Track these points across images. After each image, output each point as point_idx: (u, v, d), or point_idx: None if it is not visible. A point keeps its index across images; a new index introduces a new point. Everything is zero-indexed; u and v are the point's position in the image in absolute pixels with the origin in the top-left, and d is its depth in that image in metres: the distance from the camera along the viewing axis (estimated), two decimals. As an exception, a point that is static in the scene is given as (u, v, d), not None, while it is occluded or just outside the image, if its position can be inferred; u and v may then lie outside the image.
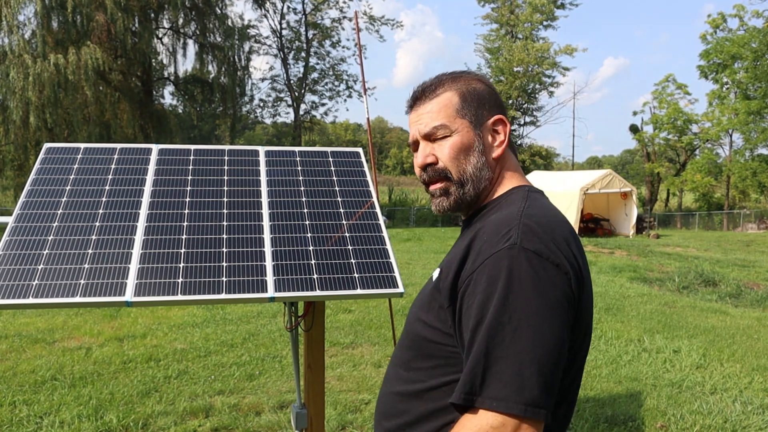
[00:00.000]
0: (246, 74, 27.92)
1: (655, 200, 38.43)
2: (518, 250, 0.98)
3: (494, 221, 1.08)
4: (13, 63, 19.10)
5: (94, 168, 2.64)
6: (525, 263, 0.97)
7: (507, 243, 0.99)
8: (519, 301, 0.95)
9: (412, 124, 1.24)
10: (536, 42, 35.26)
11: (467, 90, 1.22)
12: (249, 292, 2.17)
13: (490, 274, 0.99)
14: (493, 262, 0.99)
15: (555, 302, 0.97)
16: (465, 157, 1.18)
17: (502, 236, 1.02)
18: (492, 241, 1.02)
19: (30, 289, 2.07)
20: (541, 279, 0.97)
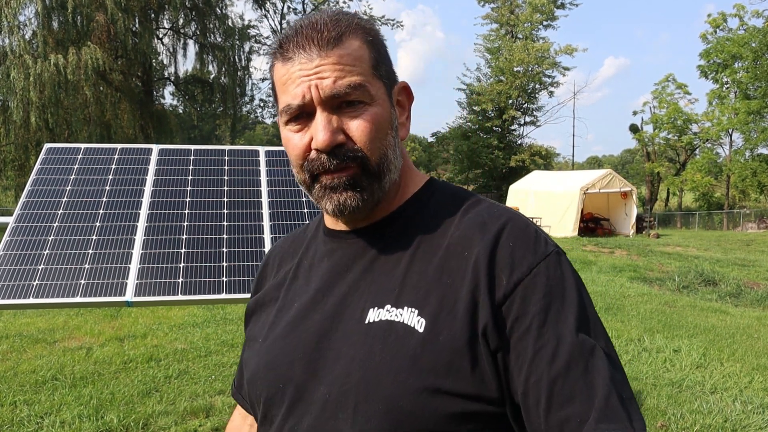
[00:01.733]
0: (246, 74, 27.93)
1: (655, 200, 38.43)
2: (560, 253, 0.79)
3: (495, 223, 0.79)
4: (13, 63, 19.11)
5: (95, 168, 2.64)
6: (573, 269, 0.79)
7: (549, 245, 0.78)
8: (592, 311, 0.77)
9: (299, 80, 0.78)
10: (536, 42, 35.26)
11: (377, 40, 0.84)
12: (249, 292, 2.18)
13: (547, 284, 0.73)
14: (546, 269, 0.74)
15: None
16: (384, 136, 0.82)
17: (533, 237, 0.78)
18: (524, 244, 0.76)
19: (31, 289, 2.08)
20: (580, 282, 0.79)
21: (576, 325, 0.72)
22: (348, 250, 0.87)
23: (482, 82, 37.45)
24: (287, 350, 0.83)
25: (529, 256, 0.75)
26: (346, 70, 0.78)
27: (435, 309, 0.74)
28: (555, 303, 0.73)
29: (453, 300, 0.74)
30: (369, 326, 0.77)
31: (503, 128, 36.50)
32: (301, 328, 0.83)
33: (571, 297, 0.74)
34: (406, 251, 0.81)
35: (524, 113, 37.36)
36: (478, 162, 35.49)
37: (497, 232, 0.78)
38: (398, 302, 0.77)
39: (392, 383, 0.72)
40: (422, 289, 0.76)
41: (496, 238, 0.77)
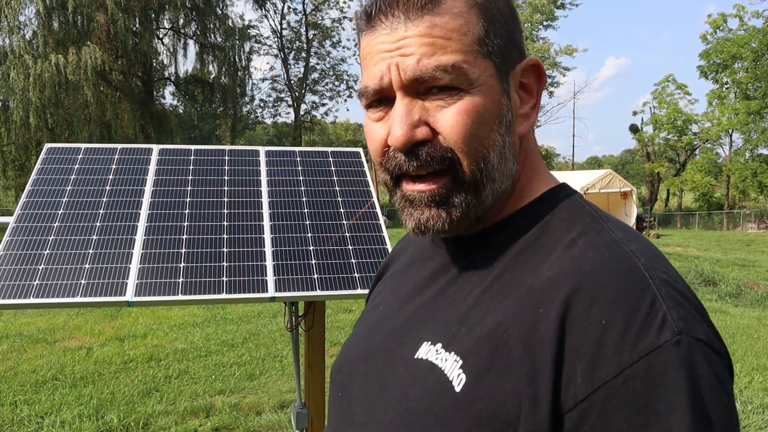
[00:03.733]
0: (246, 74, 27.96)
1: (655, 200, 38.44)
2: (689, 343, 0.51)
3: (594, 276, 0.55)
4: (13, 63, 19.13)
5: (95, 168, 2.65)
6: (706, 368, 0.51)
7: (665, 332, 0.51)
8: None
9: (379, 55, 0.62)
10: (536, 42, 35.28)
11: (494, 5, 0.64)
12: (249, 292, 2.18)
13: (644, 398, 0.50)
14: (646, 371, 0.50)
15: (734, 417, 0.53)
16: (488, 134, 0.62)
17: (642, 314, 0.52)
18: (623, 324, 0.52)
19: (31, 289, 2.08)
20: (728, 392, 0.53)
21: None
22: (435, 262, 0.72)
23: (482, 82, 37.48)
24: (354, 358, 0.75)
25: (626, 348, 0.50)
26: (438, 45, 0.60)
27: (481, 367, 0.57)
28: (652, 427, 0.49)
29: (505, 366, 0.55)
30: (416, 362, 0.63)
31: (503, 128, 36.53)
32: (373, 339, 0.74)
33: (682, 424, 0.49)
34: (487, 278, 0.63)
35: (524, 113, 37.38)
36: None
37: (592, 294, 0.53)
38: (450, 344, 0.61)
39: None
40: (477, 335, 0.59)
41: (587, 305, 0.53)
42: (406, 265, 0.80)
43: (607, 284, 0.54)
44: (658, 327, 0.51)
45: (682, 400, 0.49)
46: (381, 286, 0.84)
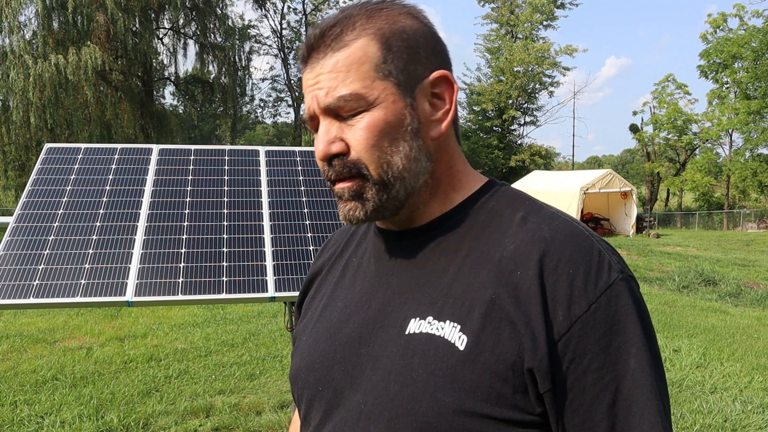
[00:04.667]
0: (246, 74, 27.97)
1: (655, 200, 38.45)
2: (627, 278, 0.71)
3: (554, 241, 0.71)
4: (13, 63, 19.13)
5: (95, 168, 2.64)
6: (639, 294, 0.72)
7: (613, 272, 0.70)
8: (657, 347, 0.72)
9: (307, 90, 0.78)
10: (536, 42, 35.28)
11: (391, 32, 0.76)
12: (249, 292, 2.18)
13: (607, 322, 0.67)
14: (608, 301, 0.68)
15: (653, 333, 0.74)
16: (391, 142, 0.75)
17: (595, 263, 0.70)
18: (584, 272, 0.69)
19: (31, 289, 2.08)
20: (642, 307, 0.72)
21: (636, 365, 0.67)
22: (395, 253, 0.82)
23: (482, 82, 37.48)
24: (328, 353, 0.81)
25: (590, 289, 0.68)
26: (339, 78, 0.74)
27: (478, 326, 0.69)
28: (615, 341, 0.67)
29: (498, 321, 0.68)
30: (409, 337, 0.73)
31: (503, 128, 36.51)
32: (342, 332, 0.81)
33: (634, 334, 0.68)
34: (455, 259, 0.75)
35: (524, 113, 37.38)
36: (478, 162, 35.49)
37: (557, 254, 0.69)
38: (441, 315, 0.72)
39: (429, 401, 0.69)
40: (467, 303, 0.71)
41: (555, 262, 0.69)
42: (352, 264, 0.89)
43: (566, 245, 0.71)
44: (608, 270, 0.70)
45: (634, 319, 0.68)
46: (325, 290, 0.92)
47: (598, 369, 0.66)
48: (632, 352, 0.67)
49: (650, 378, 0.67)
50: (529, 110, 37.80)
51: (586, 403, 0.67)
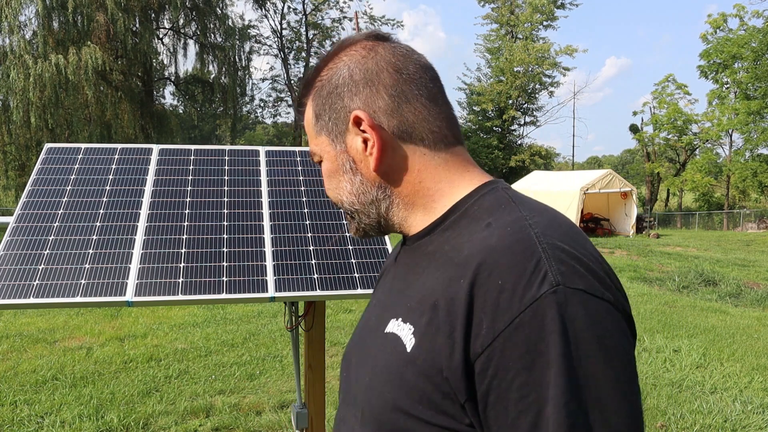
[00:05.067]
0: (246, 74, 27.97)
1: (655, 200, 38.46)
2: (564, 292, 0.63)
3: (495, 249, 0.68)
4: (13, 63, 19.13)
5: (95, 168, 2.65)
6: (581, 311, 0.63)
7: (544, 285, 0.63)
8: (591, 372, 0.62)
9: None
10: (536, 42, 35.29)
11: (322, 87, 0.84)
12: (249, 292, 2.18)
13: (530, 339, 0.62)
14: (530, 318, 0.62)
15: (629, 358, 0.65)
16: (337, 184, 0.87)
17: (527, 274, 0.64)
18: (513, 283, 0.64)
19: (31, 289, 2.08)
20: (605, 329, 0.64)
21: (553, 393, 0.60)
22: (400, 259, 0.89)
23: (482, 82, 37.48)
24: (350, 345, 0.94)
25: (514, 302, 0.63)
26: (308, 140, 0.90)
27: (423, 330, 0.70)
28: (538, 361, 0.61)
29: (436, 327, 0.69)
30: (384, 336, 0.78)
31: (503, 128, 36.52)
32: (360, 327, 0.93)
33: (555, 356, 0.61)
34: (430, 263, 0.78)
35: (524, 113, 37.38)
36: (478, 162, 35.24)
37: (492, 264, 0.66)
38: (406, 316, 0.75)
39: (378, 396, 0.74)
40: (422, 307, 0.73)
41: (488, 272, 0.66)
42: (388, 267, 0.99)
43: (505, 254, 0.67)
44: (540, 282, 0.63)
45: (557, 339, 0.61)
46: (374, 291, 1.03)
47: (520, 387, 0.62)
48: (551, 377, 0.61)
49: (562, 411, 0.60)
50: (529, 110, 37.81)
51: (509, 422, 0.63)
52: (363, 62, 0.82)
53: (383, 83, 0.80)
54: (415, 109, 0.80)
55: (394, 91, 0.80)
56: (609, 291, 0.67)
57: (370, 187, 0.83)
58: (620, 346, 0.64)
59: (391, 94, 0.80)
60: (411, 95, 0.81)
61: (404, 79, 0.81)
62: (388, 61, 0.82)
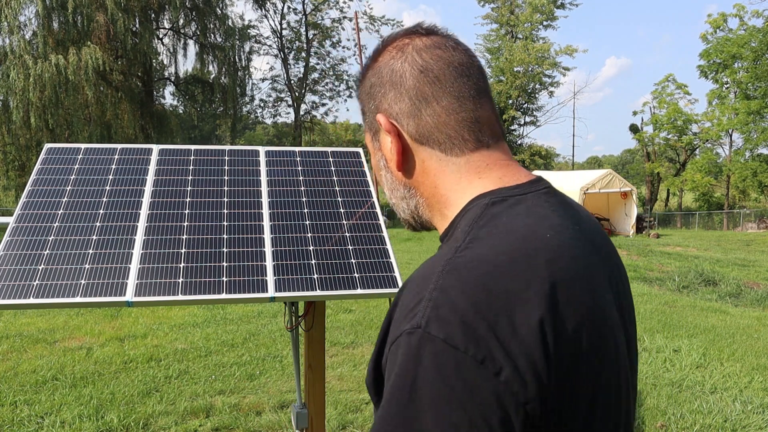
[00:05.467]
0: (246, 74, 27.96)
1: (655, 200, 38.46)
2: (420, 336, 0.62)
3: (415, 274, 0.71)
4: (13, 63, 19.13)
5: (95, 168, 2.65)
6: (430, 358, 0.61)
7: (406, 325, 0.65)
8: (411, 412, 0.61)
9: None
10: (536, 42, 35.29)
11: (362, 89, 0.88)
12: (249, 292, 2.18)
13: (391, 366, 0.66)
14: (394, 349, 0.66)
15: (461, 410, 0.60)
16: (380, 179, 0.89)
17: (411, 308, 0.66)
18: (401, 312, 0.68)
19: (31, 289, 2.08)
20: (452, 389, 0.60)
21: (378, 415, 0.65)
22: None
23: (482, 82, 37.45)
24: None
25: (393, 332, 0.67)
26: None
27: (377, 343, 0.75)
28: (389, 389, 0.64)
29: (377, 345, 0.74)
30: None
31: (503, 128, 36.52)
32: None
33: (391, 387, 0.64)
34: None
35: (524, 113, 37.39)
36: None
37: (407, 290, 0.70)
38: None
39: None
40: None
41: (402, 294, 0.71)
42: None
43: (414, 283, 0.70)
44: (409, 320, 0.64)
45: (396, 372, 0.63)
46: None
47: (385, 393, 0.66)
48: (384, 405, 0.64)
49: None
50: (529, 110, 37.82)
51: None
52: (391, 63, 0.82)
53: (405, 85, 0.80)
54: (434, 112, 0.79)
55: (415, 93, 0.79)
56: (484, 347, 0.60)
57: (398, 185, 0.86)
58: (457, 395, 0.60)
59: (411, 96, 0.79)
60: (432, 97, 0.79)
61: (428, 80, 0.79)
62: (414, 61, 0.80)
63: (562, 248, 0.70)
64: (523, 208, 0.74)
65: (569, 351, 0.65)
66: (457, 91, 0.79)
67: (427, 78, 0.79)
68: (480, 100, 0.81)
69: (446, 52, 0.80)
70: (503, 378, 0.60)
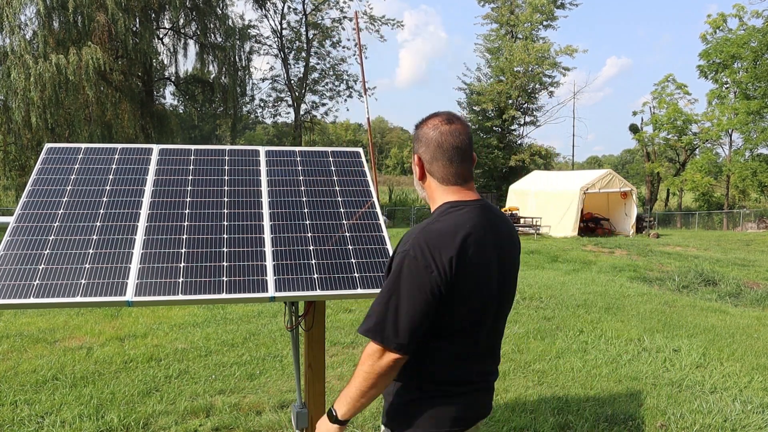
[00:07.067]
0: (247, 74, 27.93)
1: (654, 200, 38.45)
2: (405, 252, 1.58)
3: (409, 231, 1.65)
4: (14, 63, 19.12)
5: (95, 168, 2.65)
6: (407, 264, 1.56)
7: (402, 249, 1.60)
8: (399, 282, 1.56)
9: None
10: (536, 42, 35.26)
11: (415, 135, 1.77)
12: (249, 292, 2.18)
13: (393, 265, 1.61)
14: (395, 259, 1.61)
15: (417, 285, 1.54)
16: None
17: (403, 243, 1.61)
18: (400, 246, 1.62)
19: (31, 289, 2.08)
20: (412, 272, 1.55)
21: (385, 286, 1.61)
22: None
23: (482, 82, 37.46)
24: None
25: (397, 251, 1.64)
26: None
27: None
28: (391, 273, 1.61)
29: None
30: None
31: (503, 128, 36.50)
32: None
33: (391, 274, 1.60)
34: None
35: (524, 113, 37.36)
36: (478, 162, 35.50)
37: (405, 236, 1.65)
38: None
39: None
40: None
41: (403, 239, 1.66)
42: None
43: (406, 235, 1.63)
44: (402, 247, 1.60)
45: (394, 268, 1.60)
46: None
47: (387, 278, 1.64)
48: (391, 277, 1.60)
49: (384, 290, 1.59)
50: (529, 110, 37.78)
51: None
52: (429, 132, 1.70)
53: (430, 147, 1.69)
54: (438, 165, 1.69)
55: (433, 153, 1.69)
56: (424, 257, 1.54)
57: (418, 185, 1.80)
58: (414, 282, 1.54)
59: (431, 153, 1.70)
60: (439, 158, 1.68)
61: (441, 150, 1.68)
62: (437, 138, 1.67)
63: (474, 230, 1.61)
64: (462, 212, 1.64)
65: (463, 269, 1.57)
66: (451, 157, 1.68)
67: (441, 149, 1.68)
68: (462, 163, 1.69)
69: (454, 138, 1.67)
70: (434, 275, 1.54)
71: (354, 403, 1.62)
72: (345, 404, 1.63)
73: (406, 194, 38.66)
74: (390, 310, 1.54)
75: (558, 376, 4.94)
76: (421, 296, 1.52)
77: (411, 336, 1.54)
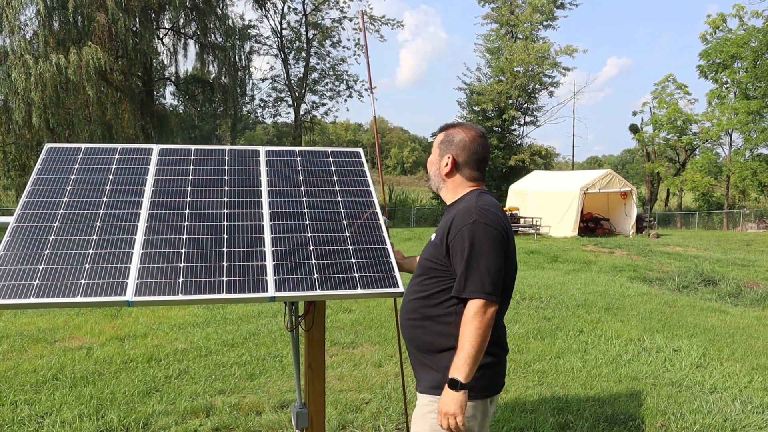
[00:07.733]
0: (247, 74, 27.95)
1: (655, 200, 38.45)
2: (475, 221, 1.96)
3: (462, 209, 2.03)
4: (14, 63, 19.13)
5: (95, 168, 2.65)
6: (482, 229, 1.95)
7: (470, 220, 1.96)
8: (478, 246, 1.93)
9: None
10: (536, 42, 35.24)
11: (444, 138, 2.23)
12: (249, 292, 2.18)
13: (461, 238, 1.96)
14: (462, 231, 1.97)
15: (496, 243, 1.94)
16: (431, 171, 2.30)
17: (467, 217, 1.98)
18: (460, 220, 1.99)
19: (31, 289, 2.08)
20: (488, 234, 1.95)
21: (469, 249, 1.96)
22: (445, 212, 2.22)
23: (482, 82, 37.43)
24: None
25: (459, 225, 2.00)
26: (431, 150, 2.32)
27: (440, 234, 2.08)
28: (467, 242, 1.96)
29: (443, 232, 2.06)
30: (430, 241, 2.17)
31: (503, 128, 36.47)
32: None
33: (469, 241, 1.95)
34: (448, 214, 2.12)
35: (524, 113, 37.33)
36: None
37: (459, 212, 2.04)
38: (436, 233, 2.13)
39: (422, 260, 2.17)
40: (441, 226, 2.10)
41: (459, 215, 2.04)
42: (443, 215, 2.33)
43: (459, 215, 2.05)
44: (468, 220, 2.00)
45: (468, 237, 1.98)
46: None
47: (459, 249, 1.97)
48: (467, 245, 1.95)
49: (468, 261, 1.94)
50: (529, 110, 37.74)
51: (455, 258, 2.00)
52: (460, 135, 2.18)
53: (462, 150, 2.17)
54: (469, 168, 2.18)
55: (467, 158, 2.16)
56: (496, 224, 1.98)
57: (439, 178, 2.23)
58: (493, 241, 1.95)
59: (465, 158, 2.16)
60: (472, 163, 2.17)
61: (469, 153, 2.16)
62: (475, 149, 2.16)
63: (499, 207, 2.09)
64: (487, 195, 2.13)
65: (509, 232, 2.07)
66: (476, 161, 2.18)
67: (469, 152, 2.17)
68: (484, 169, 2.21)
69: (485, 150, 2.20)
70: (503, 235, 2.01)
71: (473, 362, 1.84)
72: (465, 367, 1.83)
73: (406, 194, 38.65)
74: (481, 270, 1.89)
75: (558, 376, 4.94)
76: (500, 252, 1.93)
77: (499, 288, 1.92)
